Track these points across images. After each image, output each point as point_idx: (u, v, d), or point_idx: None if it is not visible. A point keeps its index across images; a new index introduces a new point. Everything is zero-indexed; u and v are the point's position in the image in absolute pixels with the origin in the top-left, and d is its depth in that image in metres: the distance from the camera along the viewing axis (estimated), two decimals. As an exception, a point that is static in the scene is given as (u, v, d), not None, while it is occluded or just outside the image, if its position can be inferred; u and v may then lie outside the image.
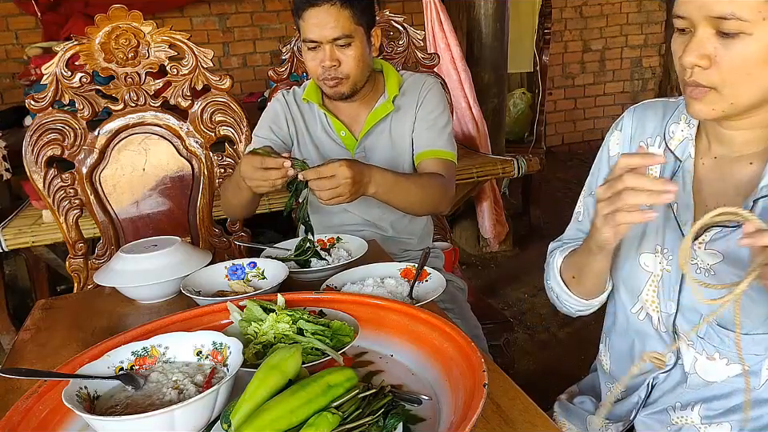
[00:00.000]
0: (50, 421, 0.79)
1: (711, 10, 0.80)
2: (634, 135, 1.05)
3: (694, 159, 0.97)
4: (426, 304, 1.09)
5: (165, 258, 1.28)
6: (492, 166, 2.72)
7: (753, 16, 0.78)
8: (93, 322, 1.21)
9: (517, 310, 2.98)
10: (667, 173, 1.00)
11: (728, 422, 0.97)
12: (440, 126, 1.62)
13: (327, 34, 1.48)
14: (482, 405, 0.68)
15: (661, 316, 1.00)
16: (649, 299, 1.01)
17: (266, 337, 0.93)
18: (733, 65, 0.81)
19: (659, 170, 1.01)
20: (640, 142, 1.04)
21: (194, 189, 1.80)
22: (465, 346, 0.83)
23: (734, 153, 0.93)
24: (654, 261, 1.00)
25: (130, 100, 1.70)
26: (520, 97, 4.33)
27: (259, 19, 4.59)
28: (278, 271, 1.26)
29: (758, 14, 0.78)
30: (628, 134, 1.06)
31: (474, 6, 3.18)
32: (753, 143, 0.91)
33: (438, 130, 1.62)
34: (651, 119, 1.04)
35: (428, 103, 1.63)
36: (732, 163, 0.94)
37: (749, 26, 0.79)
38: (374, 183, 1.38)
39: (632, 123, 1.06)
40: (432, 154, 1.60)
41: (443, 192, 1.54)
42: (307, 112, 1.68)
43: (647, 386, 1.05)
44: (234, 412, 0.72)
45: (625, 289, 1.06)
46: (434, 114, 1.62)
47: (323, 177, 1.28)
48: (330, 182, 1.28)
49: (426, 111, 1.63)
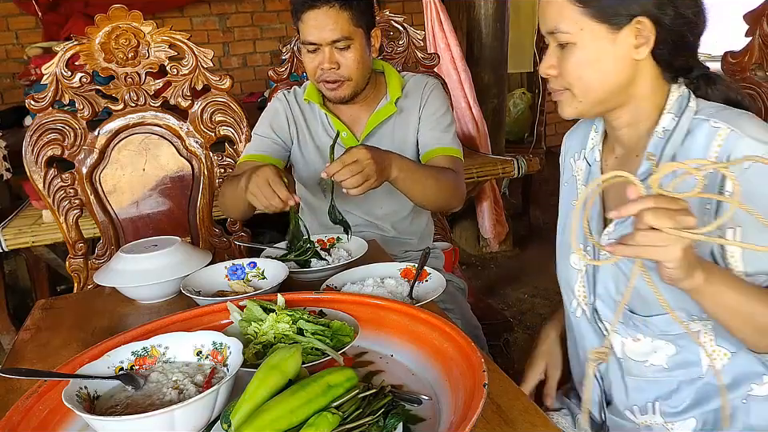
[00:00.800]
0: (49, 421, 0.79)
1: (546, 26, 0.97)
2: (567, 153, 1.19)
3: (601, 162, 1.08)
4: (425, 304, 1.09)
5: (165, 258, 1.28)
6: (492, 166, 2.72)
7: (572, 28, 0.93)
8: (93, 322, 1.21)
9: (517, 310, 2.97)
10: (583, 177, 1.12)
11: (692, 417, 1.01)
12: (445, 125, 1.62)
13: (326, 36, 1.47)
14: (481, 405, 0.69)
15: (588, 308, 1.08)
16: (580, 294, 1.09)
17: (266, 337, 0.93)
18: (569, 69, 0.95)
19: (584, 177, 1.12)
20: (569, 159, 1.18)
21: (194, 189, 1.80)
22: (465, 346, 0.83)
23: (628, 151, 1.04)
24: (579, 257, 1.09)
25: (130, 100, 1.70)
26: (520, 97, 4.34)
27: (259, 19, 4.58)
28: (277, 271, 1.26)
29: (576, 26, 0.93)
30: (563, 154, 1.21)
31: (474, 6, 3.18)
32: (635, 138, 1.01)
33: (443, 129, 1.62)
34: (576, 136, 1.18)
35: (431, 104, 1.63)
36: (627, 159, 1.04)
37: (572, 36, 0.93)
38: (396, 166, 1.38)
39: (565, 145, 1.21)
40: (440, 152, 1.59)
41: (455, 186, 1.55)
42: (308, 112, 1.68)
43: (598, 381, 1.09)
44: (234, 412, 0.72)
45: (564, 290, 1.15)
46: (437, 113, 1.62)
47: (346, 165, 1.26)
48: (355, 166, 1.26)
49: (429, 111, 1.63)
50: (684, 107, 0.96)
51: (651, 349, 1.01)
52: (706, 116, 0.94)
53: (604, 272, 1.04)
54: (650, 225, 0.75)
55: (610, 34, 0.92)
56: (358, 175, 1.26)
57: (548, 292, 2.98)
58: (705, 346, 0.98)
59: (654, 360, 1.01)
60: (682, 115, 0.95)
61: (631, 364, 1.04)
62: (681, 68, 0.97)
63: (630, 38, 0.92)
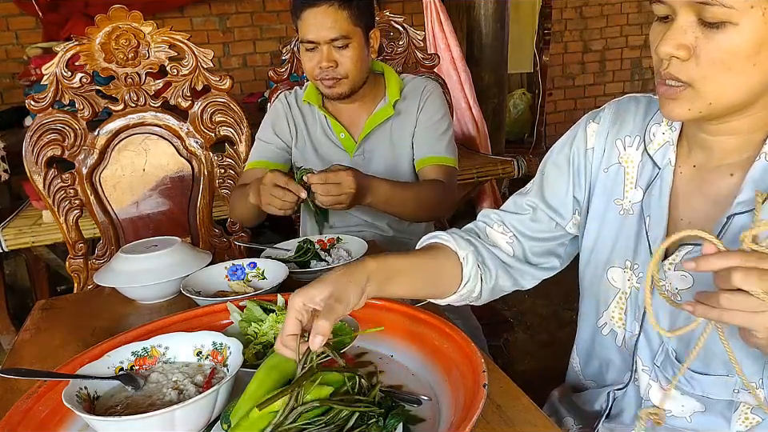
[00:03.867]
0: (49, 421, 0.79)
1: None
2: (611, 130, 0.95)
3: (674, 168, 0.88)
4: (426, 304, 1.09)
5: (165, 259, 1.28)
6: (492, 167, 2.72)
7: (739, 3, 0.68)
8: (93, 322, 1.21)
9: (517, 310, 2.97)
10: (644, 180, 0.91)
11: None
12: (440, 132, 1.63)
13: (325, 35, 1.47)
14: (481, 405, 0.69)
15: (626, 335, 0.95)
16: (616, 316, 0.96)
17: (265, 337, 0.94)
18: (714, 58, 0.72)
19: (636, 177, 0.92)
20: (616, 140, 0.94)
21: (194, 189, 1.80)
22: (465, 347, 0.83)
23: (714, 162, 0.84)
24: (623, 276, 0.94)
25: (130, 100, 1.70)
26: (520, 97, 4.34)
27: (259, 19, 4.58)
28: (277, 271, 1.26)
29: (746, 2, 0.68)
30: (605, 127, 0.96)
31: (474, 7, 3.18)
32: (734, 151, 0.82)
33: (438, 136, 1.62)
34: (632, 116, 0.94)
35: (428, 108, 1.63)
36: (711, 173, 0.85)
37: (735, 14, 0.69)
38: (371, 194, 1.41)
39: (610, 117, 0.96)
40: (432, 161, 1.61)
41: (441, 199, 1.56)
42: (308, 113, 1.68)
43: (608, 399, 1.00)
44: (234, 412, 0.72)
45: (590, 300, 1.01)
46: (434, 119, 1.63)
47: (328, 182, 1.30)
48: (336, 188, 1.30)
49: (426, 116, 1.63)
50: None
51: (679, 402, 0.90)
52: None
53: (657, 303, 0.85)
54: (737, 286, 0.62)
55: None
56: (332, 197, 1.31)
57: (548, 292, 2.98)
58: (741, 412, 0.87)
59: (677, 412, 0.91)
60: None
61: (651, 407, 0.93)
62: None
63: None
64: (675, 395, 0.89)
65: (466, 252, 0.97)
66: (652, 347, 0.91)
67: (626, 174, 0.93)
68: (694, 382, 0.87)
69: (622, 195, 0.94)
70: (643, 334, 0.92)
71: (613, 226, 0.95)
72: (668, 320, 0.88)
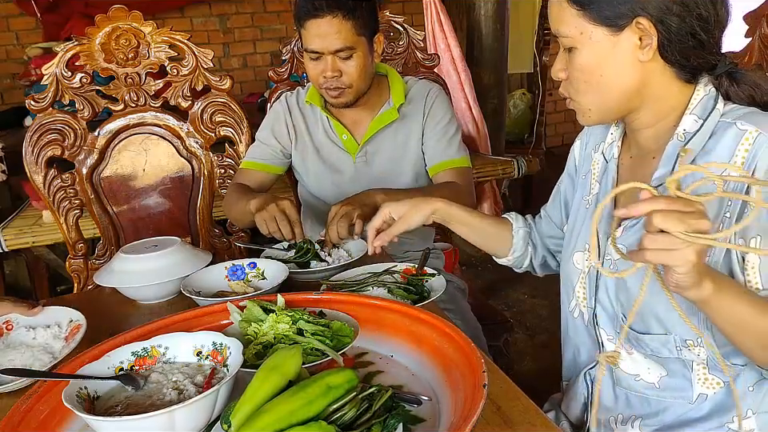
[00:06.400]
0: (49, 421, 0.79)
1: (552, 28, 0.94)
2: (589, 142, 1.14)
3: (618, 159, 1.05)
4: (426, 304, 1.09)
5: (165, 259, 1.28)
6: (492, 167, 2.72)
7: (572, 32, 0.90)
8: (92, 322, 1.21)
9: (516, 310, 2.97)
10: (599, 173, 1.08)
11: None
12: (449, 136, 1.63)
13: (329, 46, 1.46)
14: (481, 405, 0.69)
15: (588, 313, 1.05)
16: (579, 296, 1.06)
17: (266, 337, 0.93)
18: (574, 75, 0.93)
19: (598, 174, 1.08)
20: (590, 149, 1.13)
21: (194, 189, 1.80)
22: (465, 347, 0.83)
23: (643, 151, 1.00)
24: (583, 258, 1.06)
25: (130, 100, 1.70)
26: (520, 97, 4.34)
27: (259, 20, 4.58)
28: (278, 272, 1.26)
29: (576, 29, 0.90)
30: (584, 141, 1.16)
31: (474, 7, 3.18)
32: (652, 139, 0.98)
33: (449, 140, 1.63)
34: (599, 128, 1.12)
35: (435, 113, 1.63)
36: (642, 160, 1.00)
37: (572, 40, 0.90)
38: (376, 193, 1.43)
39: (587, 131, 1.15)
40: (445, 166, 1.61)
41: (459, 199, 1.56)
42: (309, 115, 1.68)
43: (586, 384, 1.08)
44: (234, 413, 0.72)
45: (563, 287, 1.12)
46: (441, 123, 1.63)
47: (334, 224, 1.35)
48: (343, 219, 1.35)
49: (434, 122, 1.63)
50: (710, 109, 0.91)
51: (644, 366, 0.98)
52: (732, 118, 0.88)
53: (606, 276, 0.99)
54: (658, 227, 0.71)
55: (611, 37, 0.88)
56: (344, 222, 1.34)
57: (548, 292, 2.98)
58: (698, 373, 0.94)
59: (645, 377, 0.98)
60: (708, 117, 0.90)
61: (622, 376, 1.01)
62: (699, 67, 0.91)
63: (633, 40, 0.87)
64: (639, 358, 0.98)
65: (519, 227, 1.23)
66: (609, 315, 1.01)
67: (593, 175, 1.10)
68: (642, 343, 0.96)
69: (588, 192, 1.10)
70: (599, 305, 1.02)
71: (580, 218, 1.11)
72: (614, 289, 0.99)
